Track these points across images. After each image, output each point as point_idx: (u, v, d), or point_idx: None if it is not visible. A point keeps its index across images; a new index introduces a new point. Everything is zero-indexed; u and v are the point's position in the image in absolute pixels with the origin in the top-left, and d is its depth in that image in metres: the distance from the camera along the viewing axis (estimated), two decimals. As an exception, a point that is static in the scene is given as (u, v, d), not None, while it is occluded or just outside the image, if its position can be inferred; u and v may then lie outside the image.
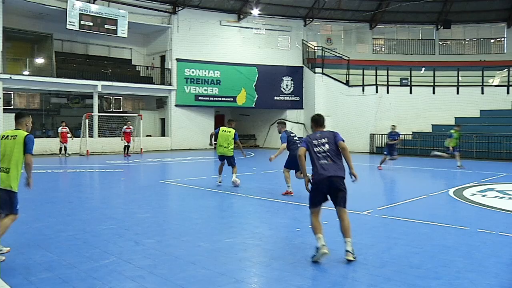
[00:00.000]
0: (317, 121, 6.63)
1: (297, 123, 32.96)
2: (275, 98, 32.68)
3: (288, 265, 5.77)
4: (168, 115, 30.49)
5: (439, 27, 34.76)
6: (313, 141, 6.31)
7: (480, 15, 33.62)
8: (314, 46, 33.46)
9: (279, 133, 11.57)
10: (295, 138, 11.29)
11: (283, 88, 32.85)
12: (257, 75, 32.08)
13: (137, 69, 31.41)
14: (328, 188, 6.18)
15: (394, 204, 10.18)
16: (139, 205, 10.00)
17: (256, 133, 35.29)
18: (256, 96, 32.09)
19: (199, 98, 30.82)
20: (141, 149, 26.96)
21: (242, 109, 33.07)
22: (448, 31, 34.61)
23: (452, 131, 19.18)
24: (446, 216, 9.04)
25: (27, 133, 6.10)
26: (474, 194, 11.51)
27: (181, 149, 29.84)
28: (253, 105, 32.21)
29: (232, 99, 31.64)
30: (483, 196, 11.29)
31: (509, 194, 11.24)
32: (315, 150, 6.27)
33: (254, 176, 15.16)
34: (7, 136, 6.07)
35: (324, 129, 6.58)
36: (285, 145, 11.12)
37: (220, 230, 7.71)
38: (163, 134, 31.15)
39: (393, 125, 19.72)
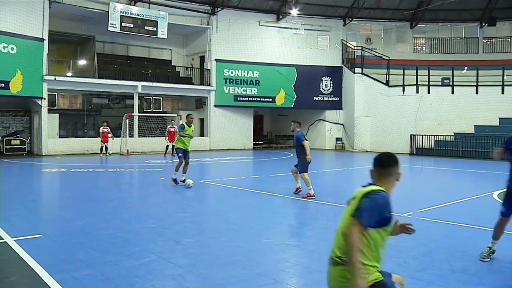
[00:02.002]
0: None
1: (336, 123, 32.71)
2: (314, 98, 32.51)
3: (326, 265, 5.72)
4: (207, 115, 30.75)
5: (483, 24, 33.80)
6: None
7: (527, 11, 32.48)
8: (354, 46, 33.08)
9: (292, 132, 11.62)
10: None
11: (322, 89, 32.64)
12: (296, 76, 31.98)
13: (176, 70, 31.81)
14: None
15: (435, 207, 9.96)
16: (178, 205, 10.13)
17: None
18: (295, 96, 31.99)
19: (238, 98, 30.97)
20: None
21: (281, 109, 33.03)
22: (493, 29, 33.58)
23: None
24: (490, 220, 8.68)
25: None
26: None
27: (220, 149, 30.04)
28: (292, 106, 32.12)
29: (270, 100, 31.65)
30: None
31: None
32: None
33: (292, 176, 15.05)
34: None
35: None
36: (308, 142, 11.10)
37: (259, 231, 7.73)
38: (202, 134, 31.43)
39: None
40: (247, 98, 31.18)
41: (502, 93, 27.94)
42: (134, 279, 5.19)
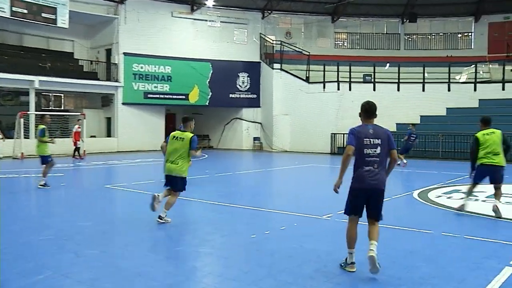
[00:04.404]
0: (367, 110, 6.06)
1: (253, 122, 33.07)
2: (231, 95, 32.69)
3: (243, 274, 5.79)
4: (115, 114, 30.02)
5: (404, 20, 35.59)
6: (365, 140, 5.82)
7: (447, 8, 34.57)
8: (273, 40, 33.65)
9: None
10: None
11: (239, 85, 32.89)
12: (211, 71, 31.99)
13: (80, 64, 30.77)
14: (367, 199, 5.94)
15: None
16: (81, 213, 9.81)
17: (210, 133, 35.15)
18: (210, 93, 32.01)
19: (149, 95, 30.50)
20: (84, 151, 26.36)
21: (195, 107, 32.90)
22: (414, 25, 35.46)
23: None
24: (410, 220, 9.27)
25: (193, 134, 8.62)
26: (440, 196, 11.87)
27: (129, 150, 29.39)
28: (207, 103, 32.10)
29: (184, 97, 31.45)
30: (449, 198, 11.65)
31: (475, 196, 11.58)
32: (365, 151, 5.81)
33: (207, 179, 15.11)
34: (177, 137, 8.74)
35: (375, 123, 6.01)
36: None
37: (170, 238, 7.69)
38: (108, 134, 30.65)
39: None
40: (158, 96, 30.79)
41: (423, 90, 29.56)
42: (27, 298, 4.97)
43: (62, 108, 30.88)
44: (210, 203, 11.00)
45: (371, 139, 5.78)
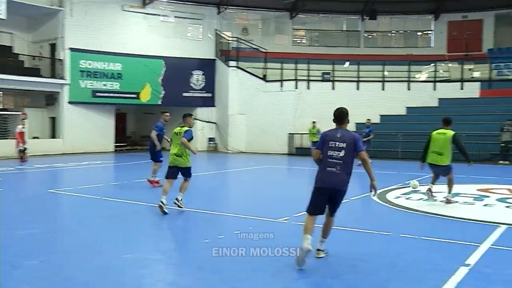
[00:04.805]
0: (337, 117, 6.79)
1: (208, 122, 32.95)
2: (184, 94, 32.45)
3: (195, 281, 5.78)
4: (60, 114, 29.35)
5: (364, 18, 36.15)
6: (330, 143, 6.54)
7: (407, 6, 35.26)
8: (229, 37, 33.64)
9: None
10: None
11: (193, 83, 32.70)
12: (164, 69, 31.69)
13: (20, 59, 29.90)
14: (328, 199, 6.57)
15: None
16: (20, 221, 9.55)
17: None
18: (163, 92, 31.71)
19: (97, 94, 29.95)
20: (26, 153, 25.73)
21: (146, 106, 32.55)
22: (374, 23, 36.03)
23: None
24: (369, 222, 9.45)
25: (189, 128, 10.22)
26: (398, 197, 12.14)
27: (75, 152, 28.80)
28: (159, 102, 31.77)
29: (135, 96, 31.05)
30: (407, 199, 11.94)
31: (434, 197, 11.91)
32: (329, 153, 6.50)
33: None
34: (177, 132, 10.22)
35: (346, 128, 6.73)
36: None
37: (118, 245, 7.55)
38: (53, 135, 29.96)
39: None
40: (107, 94, 30.26)
41: (383, 89, 30.14)
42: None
43: (1, 107, 30.02)
44: (161, 208, 10.88)
45: (337, 142, 6.49)
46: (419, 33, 37.34)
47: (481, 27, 35.30)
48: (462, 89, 29.17)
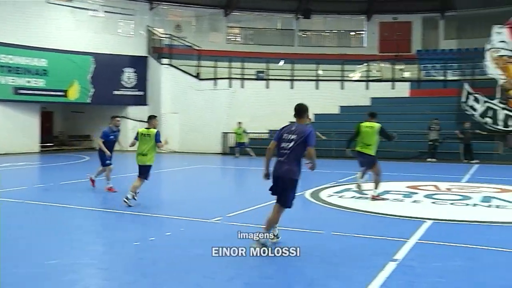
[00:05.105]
0: (297, 111, 7.49)
1: (140, 121, 32.44)
2: (115, 92, 31.85)
3: (124, 286, 5.72)
4: (-23, 112, 28.15)
5: (299, 16, 36.67)
6: (284, 135, 7.24)
7: (340, 5, 36.01)
8: (161, 34, 33.31)
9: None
10: None
11: (124, 81, 32.15)
12: (93, 65, 30.98)
13: None
14: (276, 186, 7.27)
15: (246, 209, 10.51)
16: None
17: (92, 133, 33.94)
18: (92, 90, 31.00)
19: (19, 91, 28.86)
20: None
21: (75, 105, 31.72)
22: (309, 21, 36.63)
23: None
24: (302, 220, 9.59)
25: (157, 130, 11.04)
26: (331, 196, 12.45)
27: (-4, 154, 27.72)
28: (89, 101, 31.05)
29: (62, 93, 30.18)
30: (340, 197, 12.24)
31: (366, 194, 12.30)
32: (281, 145, 7.22)
33: (88, 183, 14.61)
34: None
35: (303, 123, 7.40)
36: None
37: (43, 251, 7.33)
38: (-31, 135, 28.69)
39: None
40: (31, 91, 29.22)
41: (317, 88, 30.71)
42: None
43: None
44: (90, 210, 10.73)
45: (289, 135, 7.18)
46: (352, 33, 38.27)
47: (410, 29, 36.71)
48: (393, 88, 30.26)
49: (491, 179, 14.23)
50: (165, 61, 31.62)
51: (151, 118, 11.51)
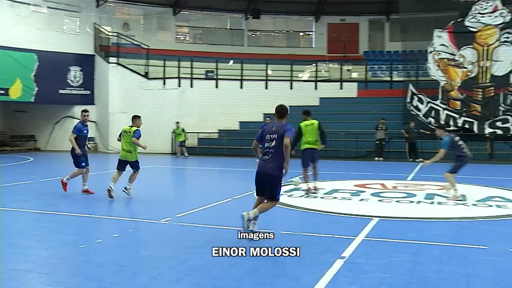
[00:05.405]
0: (277, 112, 8.06)
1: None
2: (60, 91, 31.04)
3: (69, 289, 5.58)
4: None
5: (248, 16, 36.78)
6: (266, 135, 7.89)
7: (289, 6, 36.31)
8: (108, 32, 32.76)
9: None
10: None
11: (71, 80, 31.41)
12: (37, 63, 30.11)
13: None
14: (261, 181, 7.87)
15: (196, 210, 10.45)
16: None
17: (36, 133, 33.15)
18: (36, 88, 30.13)
19: (-43, 89, 27.87)
20: None
21: (17, 104, 30.77)
22: (258, 22, 36.84)
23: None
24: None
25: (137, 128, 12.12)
26: (281, 195, 12.47)
27: None
28: (32, 100, 30.19)
29: (3, 92, 29.18)
30: (289, 196, 12.32)
31: (315, 193, 12.45)
32: (265, 145, 7.87)
33: (32, 186, 14.26)
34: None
35: (283, 122, 7.92)
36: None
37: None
38: None
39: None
40: (-30, 90, 28.25)
41: (266, 88, 30.88)
42: None
43: None
44: (33, 212, 10.38)
45: (271, 135, 7.80)
46: (301, 34, 38.71)
47: (358, 31, 37.43)
48: (341, 89, 30.74)
49: (434, 177, 14.63)
50: (112, 59, 31.10)
51: (135, 118, 12.59)
